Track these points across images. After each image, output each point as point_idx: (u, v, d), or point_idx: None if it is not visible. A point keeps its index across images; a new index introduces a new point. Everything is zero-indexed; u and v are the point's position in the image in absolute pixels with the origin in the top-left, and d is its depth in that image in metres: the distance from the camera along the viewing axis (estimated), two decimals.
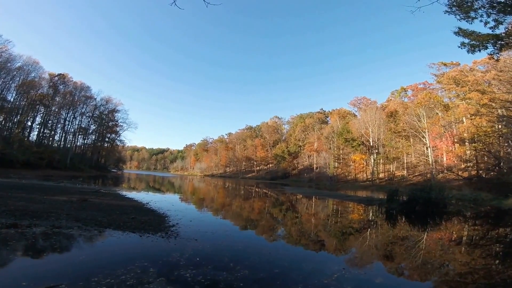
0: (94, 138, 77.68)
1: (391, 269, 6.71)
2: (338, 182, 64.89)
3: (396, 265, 7.08)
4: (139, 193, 23.66)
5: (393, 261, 7.44)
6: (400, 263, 7.30)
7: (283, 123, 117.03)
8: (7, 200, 11.37)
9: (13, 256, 5.34)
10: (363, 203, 22.40)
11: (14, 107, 54.13)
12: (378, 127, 57.29)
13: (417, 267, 6.88)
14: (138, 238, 7.30)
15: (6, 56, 49.46)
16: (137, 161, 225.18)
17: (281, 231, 11.39)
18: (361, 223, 13.57)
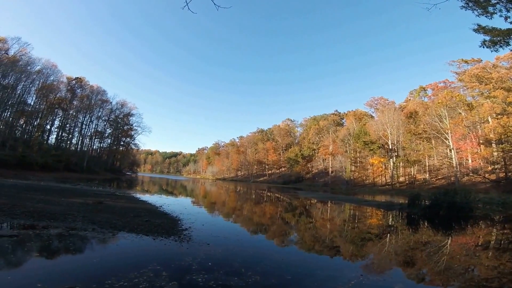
0: (110, 141, 79.51)
1: (411, 275, 6.48)
2: (355, 186, 63.33)
3: (417, 271, 6.85)
4: (153, 196, 23.95)
5: (414, 266, 7.20)
6: (421, 268, 7.04)
7: (295, 126, 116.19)
8: (26, 201, 11.68)
9: (29, 257, 5.44)
10: (382, 208, 21.89)
11: (34, 110, 56.01)
12: (397, 129, 55.67)
13: (439, 272, 6.63)
14: (151, 241, 7.33)
15: (25, 60, 51.05)
16: (151, 164, 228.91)
17: (294, 236, 11.23)
18: (380, 229, 13.22)
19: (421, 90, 71.89)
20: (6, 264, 4.91)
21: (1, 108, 47.74)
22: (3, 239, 6.04)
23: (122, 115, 79.33)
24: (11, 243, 5.89)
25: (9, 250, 5.51)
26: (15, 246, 5.76)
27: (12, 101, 51.01)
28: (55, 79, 59.72)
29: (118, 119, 78.23)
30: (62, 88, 62.42)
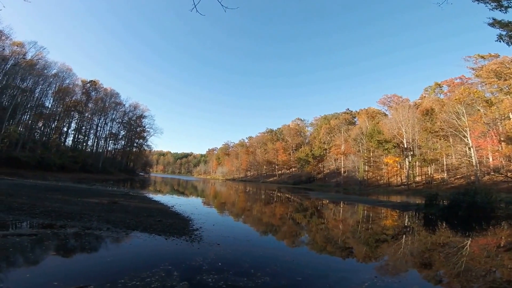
0: (124, 143, 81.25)
1: (428, 276, 6.35)
2: (368, 186, 62.36)
3: (434, 272, 6.70)
4: (165, 196, 24.30)
5: (431, 268, 7.04)
6: (438, 270, 6.89)
7: (306, 125, 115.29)
8: (45, 201, 12.08)
9: (47, 255, 5.63)
10: (397, 209, 21.51)
11: (52, 113, 57.81)
12: (412, 127, 54.42)
13: (458, 274, 6.47)
14: (163, 241, 7.45)
15: (42, 63, 52.67)
16: (163, 165, 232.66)
17: (305, 237, 11.16)
18: (395, 230, 13.00)
19: (436, 87, 70.05)
20: (26, 262, 5.09)
21: (21, 111, 49.44)
22: (23, 238, 6.27)
23: (135, 117, 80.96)
24: (30, 241, 6.11)
25: (28, 248, 5.71)
26: (34, 244, 5.98)
27: (31, 104, 52.77)
28: (71, 82, 61.62)
29: (131, 121, 79.84)
30: (77, 91, 64.25)
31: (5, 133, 42.13)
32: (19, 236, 6.36)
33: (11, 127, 44.43)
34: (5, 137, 41.50)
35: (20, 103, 48.73)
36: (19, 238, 6.18)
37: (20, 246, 5.73)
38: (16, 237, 6.22)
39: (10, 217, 8.31)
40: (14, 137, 43.38)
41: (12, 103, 46.26)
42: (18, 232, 6.81)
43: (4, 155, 39.35)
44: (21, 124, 50.22)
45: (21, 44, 48.75)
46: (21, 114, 50.15)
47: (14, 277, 4.34)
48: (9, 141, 42.16)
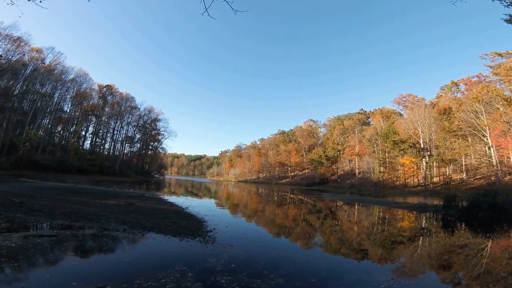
0: (139, 146, 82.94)
1: (446, 279, 6.21)
2: (384, 188, 61.12)
3: (453, 274, 6.55)
4: (179, 197, 24.65)
5: (449, 270, 6.89)
6: (457, 272, 6.73)
7: (318, 126, 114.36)
8: (64, 203, 12.47)
9: (66, 256, 5.80)
10: (414, 210, 21.06)
11: (70, 117, 59.73)
12: (428, 127, 53.12)
13: (478, 276, 6.28)
14: (178, 242, 7.55)
15: (60, 68, 54.57)
16: (177, 167, 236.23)
17: (319, 239, 11.07)
18: (412, 231, 12.73)
19: (453, 86, 68.17)
20: (46, 263, 5.27)
21: (41, 115, 51.33)
22: (44, 238, 6.49)
23: (150, 120, 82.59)
24: (51, 242, 6.31)
25: (48, 249, 5.91)
26: (53, 245, 6.18)
27: (50, 108, 54.76)
28: (88, 87, 63.57)
29: (146, 124, 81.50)
30: (94, 95, 66.19)
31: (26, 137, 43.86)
32: (39, 237, 6.59)
33: (31, 131, 46.20)
34: (27, 141, 43.17)
35: (40, 108, 50.57)
36: (39, 239, 6.40)
37: (41, 247, 5.93)
38: (37, 238, 6.44)
39: (32, 219, 8.63)
40: (35, 141, 45.06)
41: (32, 108, 48.12)
42: (39, 233, 7.06)
43: (26, 159, 40.91)
44: (41, 128, 52.11)
45: (39, 50, 50.48)
46: (41, 118, 52.08)
47: (35, 277, 4.48)
48: (30, 145, 43.83)
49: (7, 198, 12.11)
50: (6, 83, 43.97)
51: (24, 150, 42.07)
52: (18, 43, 42.96)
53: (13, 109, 42.94)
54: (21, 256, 5.20)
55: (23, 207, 10.34)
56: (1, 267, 4.58)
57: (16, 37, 42.32)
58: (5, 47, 41.04)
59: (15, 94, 45.68)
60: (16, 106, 44.61)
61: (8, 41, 41.17)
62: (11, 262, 4.80)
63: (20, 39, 43.20)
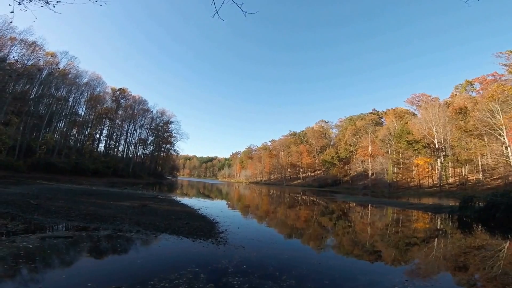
0: (152, 148, 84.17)
1: (462, 280, 6.08)
2: (398, 189, 59.96)
3: (469, 276, 6.40)
4: (191, 199, 24.86)
5: (465, 272, 6.75)
6: (473, 274, 6.57)
7: (330, 127, 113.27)
8: (80, 205, 12.77)
9: (81, 257, 5.94)
10: (429, 211, 20.73)
11: (84, 120, 61.06)
12: (443, 126, 51.85)
13: (494, 278, 6.12)
14: (190, 243, 7.62)
15: (74, 73, 55.71)
16: (189, 169, 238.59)
17: (331, 240, 10.95)
18: (427, 233, 12.49)
19: (467, 85, 66.57)
20: (62, 263, 5.40)
21: (57, 119, 52.76)
22: (60, 240, 6.67)
23: (162, 123, 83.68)
24: (66, 243, 6.48)
25: (64, 250, 6.06)
26: (69, 246, 6.34)
27: (65, 112, 56.09)
28: (101, 90, 64.73)
29: (159, 127, 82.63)
30: (107, 98, 67.41)
31: (43, 140, 45.17)
32: (56, 238, 6.76)
33: (47, 134, 47.56)
34: (43, 144, 44.47)
35: (56, 111, 51.96)
36: (56, 240, 6.57)
37: (57, 248, 6.09)
38: (53, 239, 6.62)
39: (48, 220, 8.87)
40: (51, 144, 46.36)
41: (48, 111, 49.47)
42: (55, 234, 7.25)
43: (42, 161, 42.12)
44: (57, 132, 53.45)
45: (53, 54, 51.65)
46: (57, 122, 53.48)
47: (51, 278, 4.59)
48: (47, 148, 45.13)
49: (25, 200, 12.50)
50: (22, 87, 45.35)
51: (40, 153, 43.34)
52: (33, 47, 43.87)
53: (29, 113, 44.24)
54: (38, 257, 5.35)
55: (40, 209, 10.64)
56: (19, 268, 4.72)
57: (31, 42, 43.25)
58: (20, 52, 42.13)
59: (31, 98, 47.02)
60: (33, 110, 45.90)
61: (23, 45, 42.15)
62: (28, 263, 4.93)
63: (34, 43, 44.12)
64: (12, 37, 40.24)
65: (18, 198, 12.84)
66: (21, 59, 41.73)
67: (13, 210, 9.92)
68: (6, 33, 38.12)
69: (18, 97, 41.78)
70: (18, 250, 5.53)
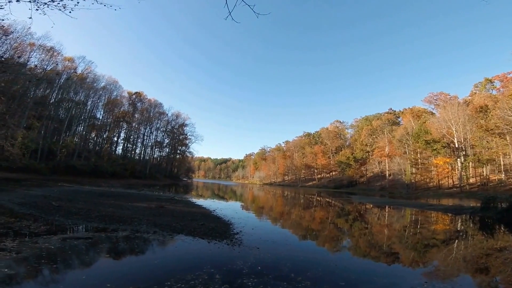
0: (168, 150, 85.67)
1: (483, 282, 5.90)
2: (416, 190, 58.54)
3: (490, 278, 6.19)
4: (206, 200, 25.12)
5: (486, 274, 6.52)
6: (495, 276, 6.35)
7: (345, 128, 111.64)
8: (99, 206, 13.13)
9: (100, 258, 6.09)
10: (449, 212, 20.18)
11: (103, 124, 62.72)
12: (463, 125, 50.36)
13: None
14: (206, 244, 7.70)
15: (91, 77, 57.05)
16: (204, 171, 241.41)
17: (347, 242, 10.80)
18: (447, 234, 12.15)
19: (487, 83, 64.31)
20: (82, 264, 5.56)
21: (76, 123, 54.48)
22: (80, 241, 6.87)
23: (177, 125, 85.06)
24: (86, 244, 6.67)
25: (84, 251, 6.24)
26: (89, 247, 6.52)
27: (84, 116, 57.75)
28: (118, 94, 66.37)
29: (174, 129, 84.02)
30: (124, 102, 69.01)
31: (63, 143, 46.72)
32: (76, 239, 6.98)
33: (68, 138, 49.18)
34: (63, 147, 46.00)
35: (75, 115, 53.64)
36: (76, 241, 6.77)
37: (77, 249, 6.27)
38: (74, 240, 6.82)
39: (69, 221, 9.17)
40: (71, 147, 47.92)
41: (68, 115, 51.15)
42: (76, 235, 7.49)
43: (63, 164, 43.59)
44: (77, 135, 55.13)
45: (71, 59, 53.00)
46: (76, 125, 55.18)
47: (72, 278, 4.72)
48: (67, 151, 46.64)
49: (47, 202, 12.96)
50: (42, 92, 47.00)
51: (61, 156, 44.85)
52: (52, 53, 45.32)
53: (50, 117, 45.92)
54: (59, 258, 5.52)
55: (61, 210, 11.01)
56: (41, 268, 4.89)
57: (49, 47, 44.67)
58: (39, 57, 43.69)
59: (51, 102, 48.71)
60: (53, 114, 47.58)
61: (42, 51, 43.64)
62: (50, 264, 5.10)
63: (52, 49, 45.51)
64: (31, 43, 41.52)
65: (41, 200, 13.33)
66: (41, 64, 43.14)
67: (36, 211, 10.30)
68: (25, 38, 39.24)
69: (39, 102, 43.29)
70: (40, 251, 5.71)
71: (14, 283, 4.21)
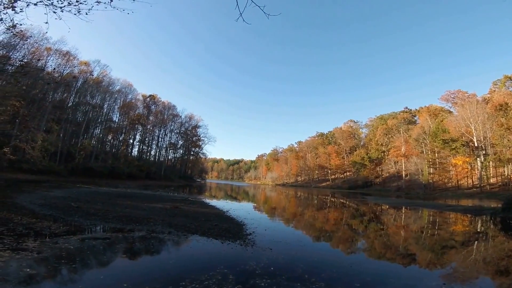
0: (182, 152, 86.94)
1: (503, 285, 5.76)
2: (434, 190, 57.09)
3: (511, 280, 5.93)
4: (219, 201, 25.33)
5: (507, 276, 6.34)
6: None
7: (360, 127, 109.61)
8: (116, 207, 13.46)
9: (117, 258, 6.24)
10: (469, 213, 19.66)
11: (119, 127, 64.16)
12: (482, 124, 48.85)
13: None
14: (219, 245, 7.76)
15: (107, 80, 58.33)
16: (217, 172, 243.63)
17: (362, 243, 10.66)
18: (466, 235, 11.84)
19: (506, 80, 61.89)
20: (100, 264, 5.71)
21: (93, 126, 55.98)
22: (98, 241, 7.06)
23: (191, 127, 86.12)
24: (104, 245, 6.85)
25: (102, 251, 6.41)
26: (106, 247, 6.68)
27: (101, 119, 59.22)
28: (133, 97, 67.62)
29: (187, 131, 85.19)
30: (139, 105, 70.41)
31: (81, 146, 48.14)
32: (94, 239, 7.17)
33: (85, 140, 50.60)
34: (81, 150, 47.38)
35: (92, 118, 55.11)
36: (94, 242, 6.95)
37: (96, 249, 6.43)
38: (92, 241, 7.01)
39: (88, 222, 9.44)
40: (89, 149, 49.28)
41: (85, 118, 52.62)
42: (94, 236, 7.70)
43: (81, 166, 44.89)
44: (94, 138, 56.62)
45: (87, 63, 54.21)
46: (93, 128, 56.71)
47: (90, 278, 4.84)
48: (85, 153, 48.00)
49: (66, 203, 13.38)
50: (60, 96, 48.49)
51: (79, 158, 46.20)
52: (68, 57, 46.55)
53: (68, 120, 47.32)
54: (78, 258, 5.68)
55: (80, 211, 11.34)
56: (60, 268, 5.04)
57: (65, 52, 45.94)
58: (56, 61, 45.04)
59: (69, 106, 50.19)
60: (71, 117, 48.99)
61: (58, 55, 44.96)
62: (69, 264, 5.25)
63: (68, 53, 46.70)
64: (47, 47, 42.84)
65: (60, 201, 13.77)
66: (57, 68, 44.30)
67: (56, 212, 10.65)
68: (42, 43, 40.52)
69: (57, 106, 44.69)
70: (60, 251, 5.89)
71: (35, 282, 4.35)
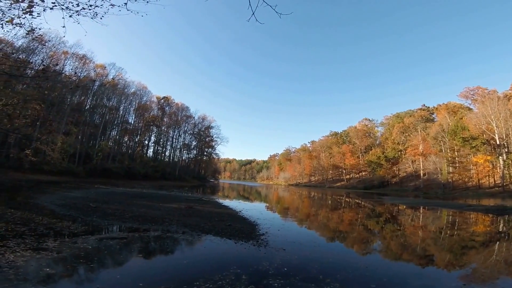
0: (195, 152, 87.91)
1: None
2: (454, 190, 55.21)
3: None
4: (232, 201, 25.44)
5: None
6: None
7: (375, 126, 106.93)
8: (132, 207, 13.74)
9: (133, 257, 6.35)
10: (490, 213, 19.09)
11: (134, 128, 65.47)
12: (504, 121, 46.92)
13: None
14: (233, 245, 7.80)
15: (122, 83, 59.34)
16: (229, 172, 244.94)
17: (379, 244, 10.45)
18: (487, 236, 11.48)
19: None
20: (116, 263, 5.84)
21: (110, 127, 57.36)
22: (115, 241, 7.22)
23: (204, 128, 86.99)
24: (121, 244, 7.00)
25: (118, 251, 6.55)
26: (123, 247, 6.83)
27: (117, 121, 60.60)
28: (147, 99, 68.75)
29: (201, 132, 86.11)
30: (153, 107, 71.63)
31: (99, 147, 49.45)
32: (112, 239, 7.34)
33: (103, 142, 51.91)
34: (99, 151, 48.67)
35: (109, 120, 56.44)
36: (111, 241, 7.12)
37: (112, 249, 6.58)
38: (109, 240, 7.18)
39: (105, 222, 9.69)
40: (106, 151, 50.51)
41: (102, 120, 53.99)
42: (111, 235, 7.88)
43: (99, 167, 46.11)
44: (111, 139, 57.92)
45: (102, 66, 55.34)
46: (110, 130, 57.99)
47: (107, 277, 4.95)
48: (102, 155, 49.26)
49: (85, 203, 13.78)
50: (78, 99, 49.86)
51: (97, 160, 47.43)
52: (84, 60, 47.81)
53: (86, 122, 48.70)
54: (95, 257, 5.81)
55: (98, 211, 11.65)
56: (79, 267, 5.17)
57: (81, 55, 47.17)
58: (73, 65, 46.41)
59: (86, 108, 51.60)
60: (88, 120, 50.39)
61: (75, 59, 46.19)
62: (87, 263, 5.38)
63: (85, 56, 47.95)
64: (64, 51, 44.08)
65: (79, 202, 14.19)
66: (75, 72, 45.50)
67: (75, 212, 10.98)
68: (59, 47, 41.73)
69: (75, 108, 46.09)
70: (79, 250, 6.06)
71: (54, 282, 4.47)
